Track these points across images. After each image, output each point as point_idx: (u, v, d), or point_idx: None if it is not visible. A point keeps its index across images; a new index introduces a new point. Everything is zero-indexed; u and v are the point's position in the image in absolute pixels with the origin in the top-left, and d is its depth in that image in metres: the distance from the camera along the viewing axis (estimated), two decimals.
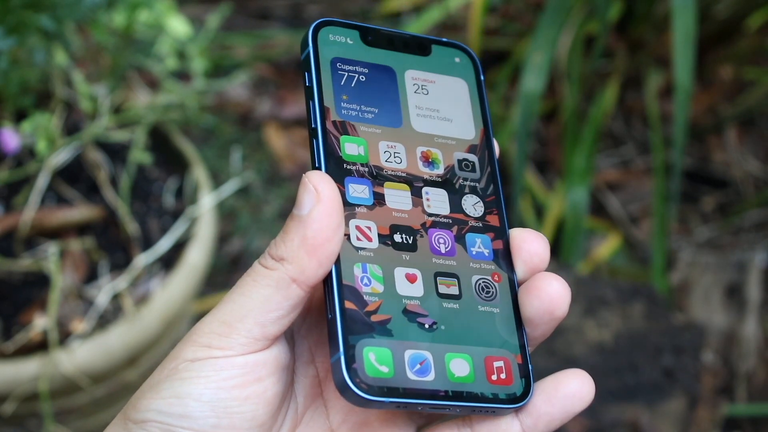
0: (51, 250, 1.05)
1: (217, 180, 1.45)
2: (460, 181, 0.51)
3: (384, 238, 0.48)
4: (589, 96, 1.61)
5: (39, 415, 1.03)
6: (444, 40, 0.54)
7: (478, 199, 0.51)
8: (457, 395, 0.46)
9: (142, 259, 1.08)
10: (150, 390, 0.45)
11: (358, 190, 0.48)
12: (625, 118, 1.73)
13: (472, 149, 0.52)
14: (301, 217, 0.46)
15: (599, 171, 1.65)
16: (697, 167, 1.67)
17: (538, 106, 1.34)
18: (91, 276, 1.08)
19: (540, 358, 1.20)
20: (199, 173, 1.17)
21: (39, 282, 1.06)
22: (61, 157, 1.11)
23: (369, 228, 0.48)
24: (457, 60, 0.54)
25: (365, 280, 0.47)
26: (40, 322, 1.01)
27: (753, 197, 1.62)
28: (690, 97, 1.26)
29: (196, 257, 1.09)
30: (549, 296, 0.47)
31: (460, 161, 0.51)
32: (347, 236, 0.47)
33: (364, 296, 0.46)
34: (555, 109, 1.66)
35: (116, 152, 1.17)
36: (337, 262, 0.46)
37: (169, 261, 1.10)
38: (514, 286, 0.49)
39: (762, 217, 1.60)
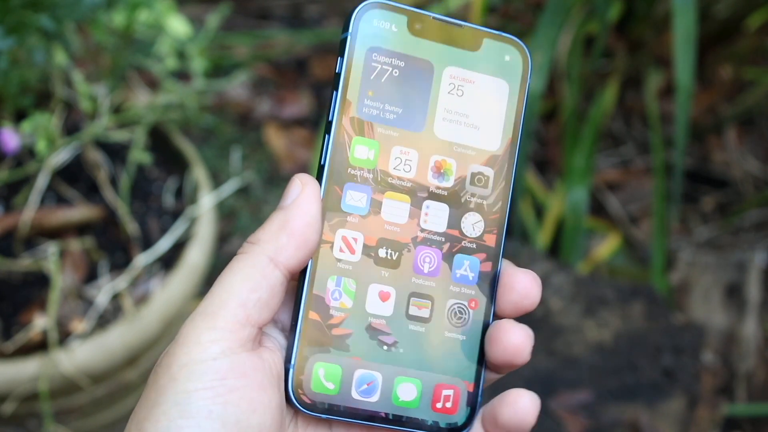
0: (51, 250, 1.05)
1: (217, 180, 1.45)
2: (467, 196, 0.50)
3: (368, 250, 0.48)
4: (589, 96, 1.61)
5: (39, 415, 1.03)
6: (501, 33, 0.51)
7: (480, 218, 0.50)
8: (397, 419, 0.47)
9: (141, 259, 1.08)
10: (152, 410, 0.43)
11: (356, 198, 0.48)
12: (625, 118, 1.73)
13: (491, 161, 0.50)
14: (283, 206, 0.47)
15: (599, 171, 1.65)
16: (697, 167, 1.67)
17: (539, 105, 1.34)
18: (91, 276, 1.08)
19: (540, 358, 1.20)
20: (198, 173, 1.17)
21: (39, 282, 1.06)
22: (60, 157, 1.11)
23: (355, 240, 0.48)
24: (507, 58, 0.51)
25: (336, 294, 0.47)
26: (40, 322, 1.01)
27: (753, 197, 1.62)
28: (691, 97, 1.26)
29: (196, 257, 1.09)
30: (506, 347, 0.48)
31: (473, 174, 0.50)
32: (330, 245, 0.47)
33: (331, 309, 0.47)
34: (555, 109, 1.66)
35: (116, 152, 1.17)
36: (313, 271, 0.47)
37: (169, 261, 1.10)
38: (488, 316, 0.49)
39: (762, 217, 1.60)
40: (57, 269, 1.03)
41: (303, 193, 0.47)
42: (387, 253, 0.48)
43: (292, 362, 0.46)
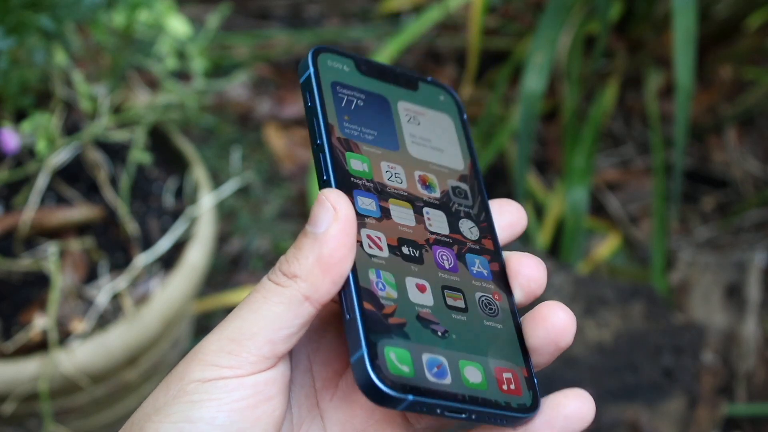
0: (51, 250, 1.05)
1: (217, 180, 1.45)
2: (456, 205, 0.52)
3: (393, 249, 0.48)
4: (589, 96, 1.61)
5: (39, 415, 1.03)
6: (428, 78, 0.56)
7: (473, 224, 0.51)
8: (474, 400, 0.46)
9: (141, 259, 1.08)
10: (156, 413, 0.44)
11: (366, 203, 0.48)
12: (625, 118, 1.73)
13: (463, 179, 0.53)
14: (316, 234, 0.45)
15: (599, 171, 1.65)
16: (697, 167, 1.67)
17: (539, 106, 1.34)
18: (91, 276, 1.08)
19: None
20: (199, 173, 1.17)
21: (39, 282, 1.06)
22: (60, 157, 1.11)
23: (379, 239, 0.48)
24: (441, 98, 0.55)
25: (380, 285, 0.46)
26: (40, 322, 1.01)
27: (753, 197, 1.62)
28: (691, 97, 1.26)
29: (196, 257, 1.09)
30: (554, 327, 0.47)
31: (453, 188, 0.52)
32: (360, 243, 0.47)
33: (381, 299, 0.46)
34: (555, 109, 1.66)
35: (116, 152, 1.17)
36: (353, 267, 0.46)
37: (168, 261, 1.10)
38: (513, 307, 0.49)
39: (762, 217, 1.60)
40: (57, 269, 1.03)
41: (337, 221, 0.45)
42: (410, 251, 0.49)
43: (363, 349, 0.44)
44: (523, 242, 1.44)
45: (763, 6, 1.53)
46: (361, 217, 0.48)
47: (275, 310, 0.44)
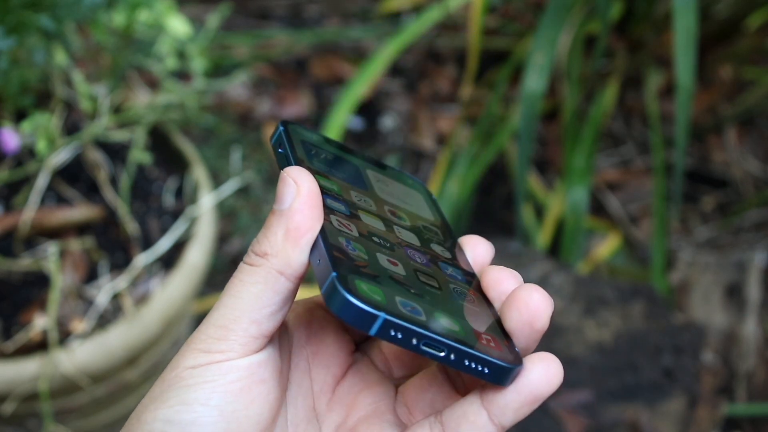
0: (51, 249, 1.05)
1: (217, 180, 1.45)
2: (427, 235, 0.52)
3: (363, 235, 0.49)
4: (589, 96, 1.61)
5: (39, 415, 1.03)
6: (397, 169, 0.57)
7: (445, 249, 0.52)
8: (452, 338, 0.44)
9: (142, 259, 1.08)
10: (153, 401, 0.45)
11: (335, 205, 0.49)
12: (625, 118, 1.73)
13: (434, 225, 0.54)
14: (282, 211, 0.47)
15: (599, 171, 1.65)
16: (697, 167, 1.67)
17: (539, 106, 1.34)
18: (91, 276, 1.08)
19: None
20: (199, 173, 1.17)
21: (39, 282, 1.06)
22: (61, 157, 1.11)
23: (349, 225, 0.48)
24: (410, 182, 0.57)
25: (350, 247, 0.47)
26: (40, 322, 1.01)
27: (753, 197, 1.62)
28: (691, 97, 1.26)
29: (196, 257, 1.09)
30: (528, 308, 0.45)
31: (424, 227, 0.53)
32: (329, 221, 0.47)
33: (351, 254, 0.46)
34: (555, 109, 1.66)
35: (116, 152, 1.17)
36: (323, 232, 0.46)
37: (169, 261, 1.10)
38: (490, 305, 0.49)
39: (762, 217, 1.60)
40: (57, 269, 1.03)
41: (300, 195, 0.46)
42: (380, 241, 0.49)
43: (333, 275, 0.43)
44: (524, 242, 1.44)
45: (763, 6, 1.53)
46: (329, 209, 0.48)
47: (253, 290, 0.45)
